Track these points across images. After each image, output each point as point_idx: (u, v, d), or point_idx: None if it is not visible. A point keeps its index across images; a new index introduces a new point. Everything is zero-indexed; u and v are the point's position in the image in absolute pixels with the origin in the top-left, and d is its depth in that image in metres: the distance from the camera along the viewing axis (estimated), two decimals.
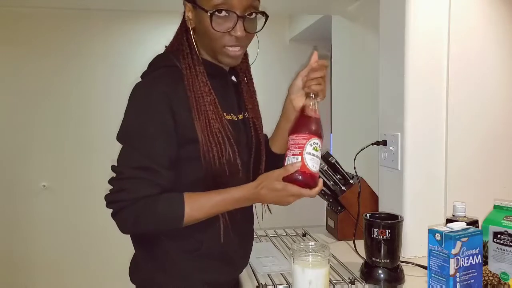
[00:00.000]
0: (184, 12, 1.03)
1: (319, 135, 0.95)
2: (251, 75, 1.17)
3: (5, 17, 3.00)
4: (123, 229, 0.95)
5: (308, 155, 0.93)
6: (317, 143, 0.94)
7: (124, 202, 0.92)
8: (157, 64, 1.04)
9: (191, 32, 1.02)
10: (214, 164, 0.97)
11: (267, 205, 1.14)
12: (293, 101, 1.09)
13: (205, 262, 1.03)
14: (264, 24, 1.02)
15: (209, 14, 0.94)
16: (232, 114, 1.06)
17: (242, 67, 1.15)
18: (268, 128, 1.30)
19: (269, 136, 1.24)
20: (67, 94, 3.13)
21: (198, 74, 0.99)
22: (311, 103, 1.00)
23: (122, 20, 3.14)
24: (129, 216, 0.92)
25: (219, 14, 0.95)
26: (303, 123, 0.97)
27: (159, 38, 1.13)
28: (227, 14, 0.95)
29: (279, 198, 0.95)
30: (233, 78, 1.14)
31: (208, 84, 0.99)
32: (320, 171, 1.61)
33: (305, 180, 0.93)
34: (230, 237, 1.04)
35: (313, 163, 0.93)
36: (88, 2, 2.51)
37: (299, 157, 0.93)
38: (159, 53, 1.07)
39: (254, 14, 0.99)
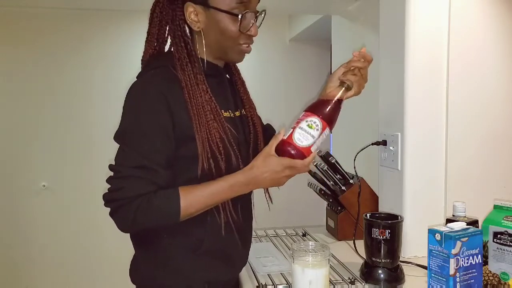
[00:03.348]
0: (177, 15, 1.00)
1: (323, 116, 0.95)
2: (238, 68, 1.18)
3: (5, 17, 3.00)
4: (122, 227, 0.95)
5: (299, 129, 0.94)
6: (314, 121, 0.94)
7: (121, 200, 0.92)
8: (152, 64, 1.03)
9: (194, 36, 1.02)
10: (214, 173, 0.97)
11: (269, 195, 1.15)
12: (327, 89, 1.07)
13: (206, 261, 1.03)
14: (262, 21, 1.04)
15: (240, 16, 0.97)
16: (230, 111, 1.07)
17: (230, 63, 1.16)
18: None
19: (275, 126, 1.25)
20: (67, 94, 3.13)
21: (198, 83, 0.98)
22: (339, 92, 1.00)
23: (121, 20, 3.14)
24: (127, 214, 0.92)
25: (244, 15, 0.97)
26: (316, 104, 0.98)
27: None
28: (249, 14, 0.98)
29: (273, 175, 0.95)
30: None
31: (209, 91, 0.99)
32: (320, 170, 1.63)
33: (287, 150, 0.94)
34: (231, 235, 1.04)
35: (300, 137, 0.94)
36: (87, 2, 2.51)
37: (290, 130, 0.95)
38: (153, 55, 1.06)
39: (260, 14, 1.02)
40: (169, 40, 1.04)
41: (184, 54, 0.99)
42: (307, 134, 0.94)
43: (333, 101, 0.98)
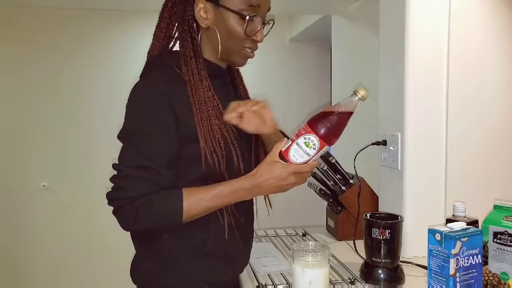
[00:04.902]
0: (187, 11, 1.01)
1: (323, 135, 0.89)
2: (239, 70, 1.19)
3: (5, 17, 3.00)
4: (124, 226, 0.96)
5: (295, 145, 0.91)
6: (312, 140, 0.90)
7: (123, 200, 0.93)
8: (154, 64, 1.04)
9: (200, 33, 1.03)
10: (216, 169, 0.97)
11: (268, 200, 1.15)
12: (263, 135, 1.08)
13: (208, 261, 1.03)
14: (269, 31, 1.05)
15: (247, 18, 0.97)
16: None
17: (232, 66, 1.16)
18: None
19: None
20: (67, 94, 3.13)
21: (202, 79, 0.98)
22: (352, 100, 0.91)
23: (122, 20, 3.15)
24: (129, 213, 0.93)
25: (252, 18, 0.98)
26: (319, 118, 0.91)
27: None
28: (257, 19, 0.99)
29: (278, 182, 0.93)
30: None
31: (211, 89, 0.99)
32: (320, 170, 1.63)
33: None
34: (233, 236, 1.04)
35: (295, 154, 0.91)
36: (88, 2, 2.51)
37: (289, 142, 0.93)
38: (157, 53, 1.06)
39: (268, 22, 1.04)
40: (176, 37, 1.05)
41: (189, 49, 1.00)
42: (302, 152, 0.91)
43: (338, 117, 0.90)
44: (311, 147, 0.90)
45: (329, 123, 0.90)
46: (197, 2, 1.00)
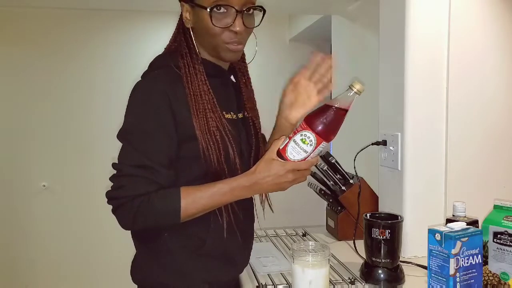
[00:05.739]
0: (181, 13, 1.04)
1: (319, 131, 0.89)
2: (249, 75, 1.18)
3: (5, 17, 3.00)
4: (123, 225, 0.96)
5: (292, 142, 0.92)
6: (308, 136, 0.90)
7: (122, 199, 0.93)
8: (156, 64, 1.04)
9: (190, 32, 1.03)
10: (213, 163, 0.97)
11: (269, 203, 1.15)
12: (289, 116, 1.12)
13: (207, 261, 1.03)
14: (262, 19, 1.03)
15: (208, 10, 0.95)
16: (232, 113, 1.07)
17: (241, 67, 1.16)
18: (267, 127, 1.29)
19: (267, 135, 1.24)
20: (67, 94, 3.13)
21: (197, 73, 0.99)
22: (348, 95, 0.92)
23: (122, 20, 3.14)
24: (128, 212, 0.93)
25: (218, 10, 0.96)
26: (315, 114, 0.91)
27: (159, 38, 1.14)
28: (225, 10, 0.96)
29: (276, 179, 0.93)
30: (232, 78, 1.14)
31: (207, 83, 1.00)
32: (320, 170, 1.63)
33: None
34: (233, 235, 1.04)
35: (292, 151, 0.92)
36: (88, 2, 2.51)
37: (287, 139, 0.93)
38: (159, 54, 1.07)
39: (252, 10, 1.00)
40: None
41: (183, 45, 1.02)
42: (299, 149, 0.91)
43: (334, 112, 0.90)
44: (308, 143, 0.90)
45: (325, 119, 0.90)
46: (182, 5, 1.02)
